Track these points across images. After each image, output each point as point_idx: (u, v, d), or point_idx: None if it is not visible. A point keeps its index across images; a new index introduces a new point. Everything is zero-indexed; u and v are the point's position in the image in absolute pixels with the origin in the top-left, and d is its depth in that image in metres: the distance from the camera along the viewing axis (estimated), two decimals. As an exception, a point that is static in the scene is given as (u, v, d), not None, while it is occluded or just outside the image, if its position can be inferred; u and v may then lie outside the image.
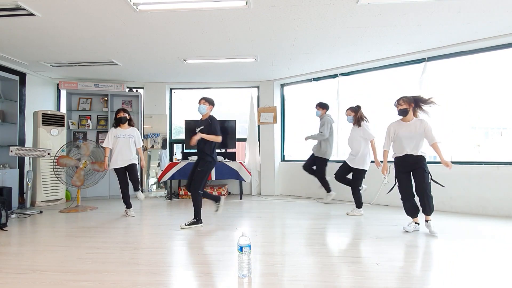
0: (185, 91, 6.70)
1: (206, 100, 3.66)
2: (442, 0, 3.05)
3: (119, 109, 4.30)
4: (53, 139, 5.26)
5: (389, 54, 4.69)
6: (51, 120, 5.27)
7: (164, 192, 6.15)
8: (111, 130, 4.27)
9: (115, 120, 4.29)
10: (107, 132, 4.53)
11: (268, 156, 6.23)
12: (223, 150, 6.17)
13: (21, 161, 4.94)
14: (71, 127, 5.88)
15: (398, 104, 3.30)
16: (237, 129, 6.19)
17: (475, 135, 4.79)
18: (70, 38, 3.96)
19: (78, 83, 5.91)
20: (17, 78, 4.90)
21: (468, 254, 2.61)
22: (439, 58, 4.57)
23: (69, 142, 5.07)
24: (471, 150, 4.63)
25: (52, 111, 5.44)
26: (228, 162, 5.65)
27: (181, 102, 6.90)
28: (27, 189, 4.50)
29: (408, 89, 4.92)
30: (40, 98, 5.80)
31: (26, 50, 4.41)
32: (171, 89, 6.67)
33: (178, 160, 5.98)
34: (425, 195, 3.16)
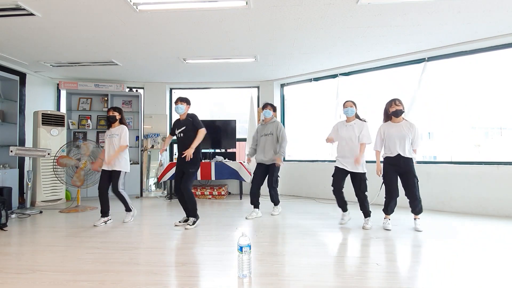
0: (185, 91, 6.70)
1: (182, 100, 3.64)
2: (442, 0, 3.05)
3: (109, 108, 4.00)
4: (53, 139, 5.26)
5: (389, 54, 4.69)
6: (51, 120, 5.27)
7: (163, 192, 6.14)
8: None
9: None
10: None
11: (268, 156, 6.21)
12: (223, 150, 6.17)
13: (21, 161, 4.93)
14: (71, 127, 5.88)
15: (394, 105, 3.31)
16: (237, 129, 6.19)
17: (475, 135, 4.80)
18: (70, 38, 3.96)
19: (78, 83, 5.91)
20: (17, 78, 4.91)
21: (468, 254, 2.61)
22: (439, 58, 4.57)
23: (69, 142, 5.07)
24: (471, 150, 4.64)
25: (52, 111, 5.44)
26: (228, 162, 5.65)
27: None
28: (27, 189, 4.50)
29: (408, 89, 4.92)
30: (40, 98, 5.80)
31: (26, 50, 4.41)
32: (171, 89, 6.67)
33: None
34: (416, 199, 3.29)
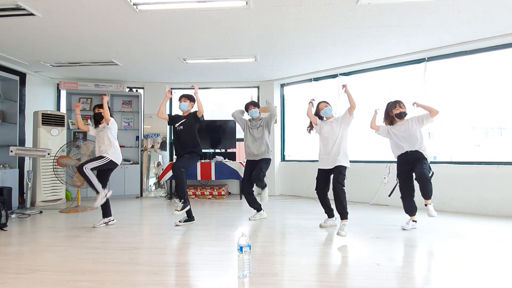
0: (185, 91, 6.69)
1: (186, 97, 3.68)
2: (442, 0, 3.05)
3: (94, 106, 3.88)
4: (53, 139, 5.25)
5: (389, 54, 4.68)
6: (51, 120, 5.27)
7: (163, 192, 6.14)
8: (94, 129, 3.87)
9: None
10: None
11: (268, 156, 6.21)
12: (223, 150, 6.16)
13: (21, 161, 4.93)
14: (71, 127, 5.88)
15: (398, 107, 3.31)
16: (237, 129, 6.17)
17: (475, 135, 4.80)
18: (70, 38, 3.96)
19: (78, 83, 5.91)
20: (17, 78, 4.91)
21: (468, 254, 2.61)
22: (439, 58, 4.56)
23: (69, 142, 5.07)
24: (471, 150, 4.63)
25: (52, 111, 5.45)
26: (228, 162, 5.65)
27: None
28: (27, 189, 4.50)
29: (408, 89, 4.93)
30: (40, 98, 5.80)
31: (26, 50, 4.41)
32: (171, 89, 6.66)
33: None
34: (425, 179, 3.08)
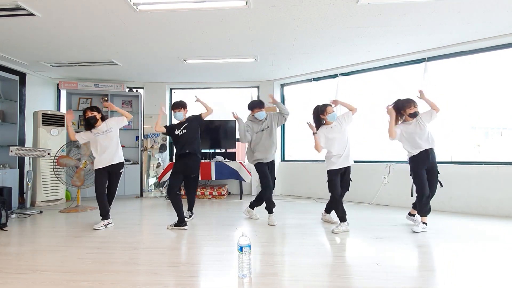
0: (185, 91, 6.70)
1: (179, 106, 3.71)
2: (442, 0, 3.05)
3: (85, 109, 3.69)
4: (53, 139, 5.25)
5: (389, 54, 4.69)
6: (51, 120, 5.27)
7: (163, 192, 6.14)
8: (85, 133, 3.72)
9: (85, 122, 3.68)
10: None
11: (268, 156, 6.21)
12: (223, 150, 6.16)
13: (21, 161, 4.93)
14: (71, 127, 5.88)
15: (413, 107, 3.26)
16: (237, 129, 6.18)
17: (475, 135, 4.79)
18: (70, 38, 3.96)
19: (78, 83, 5.91)
20: (17, 78, 4.91)
21: (468, 254, 2.61)
22: (439, 58, 4.57)
23: (69, 142, 5.06)
24: (471, 150, 4.63)
25: (52, 111, 5.44)
26: (228, 162, 5.65)
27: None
28: (27, 189, 4.50)
29: (408, 89, 4.92)
30: (40, 98, 5.80)
31: (26, 50, 4.41)
32: (171, 89, 6.67)
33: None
34: (433, 195, 3.32)
